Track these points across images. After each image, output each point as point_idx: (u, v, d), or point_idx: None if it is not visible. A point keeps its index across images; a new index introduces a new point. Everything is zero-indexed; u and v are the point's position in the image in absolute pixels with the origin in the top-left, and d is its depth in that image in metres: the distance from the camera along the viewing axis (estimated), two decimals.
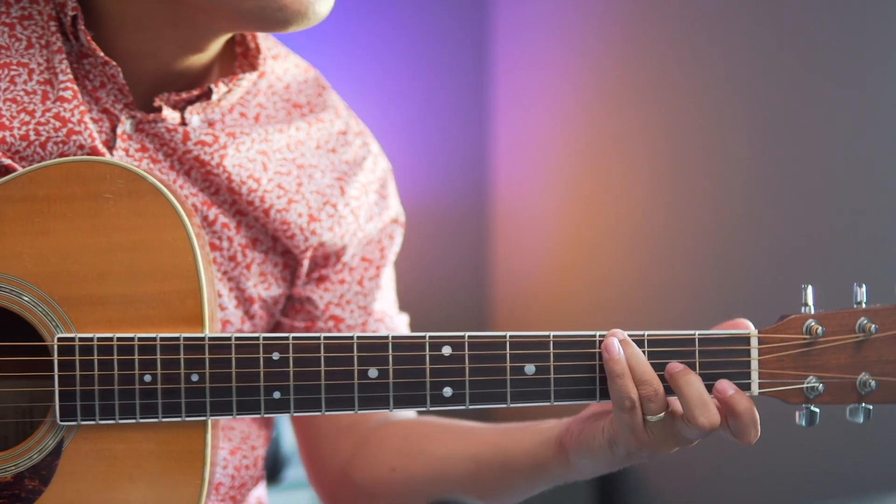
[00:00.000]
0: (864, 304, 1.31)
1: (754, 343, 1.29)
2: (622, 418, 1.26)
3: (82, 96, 1.37)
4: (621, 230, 3.31)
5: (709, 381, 1.28)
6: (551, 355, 1.28)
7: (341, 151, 1.52)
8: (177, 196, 1.30)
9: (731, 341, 1.29)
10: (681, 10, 3.11)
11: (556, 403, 1.29)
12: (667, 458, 1.30)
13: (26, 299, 1.27)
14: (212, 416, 1.27)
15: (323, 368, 1.27)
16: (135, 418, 1.26)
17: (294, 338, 1.27)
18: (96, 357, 1.26)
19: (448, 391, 1.28)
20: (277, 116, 1.49)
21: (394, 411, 1.30)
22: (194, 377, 1.26)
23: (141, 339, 1.26)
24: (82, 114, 1.35)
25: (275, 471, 2.01)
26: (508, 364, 1.28)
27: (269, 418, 1.57)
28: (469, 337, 1.28)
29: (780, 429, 2.74)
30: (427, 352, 1.27)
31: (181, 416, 1.27)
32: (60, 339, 1.26)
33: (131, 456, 1.28)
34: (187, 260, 1.28)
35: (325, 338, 1.27)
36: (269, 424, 1.58)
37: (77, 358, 1.26)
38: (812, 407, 1.30)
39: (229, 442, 1.50)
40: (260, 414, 1.27)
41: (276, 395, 1.27)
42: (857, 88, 2.65)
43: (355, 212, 1.52)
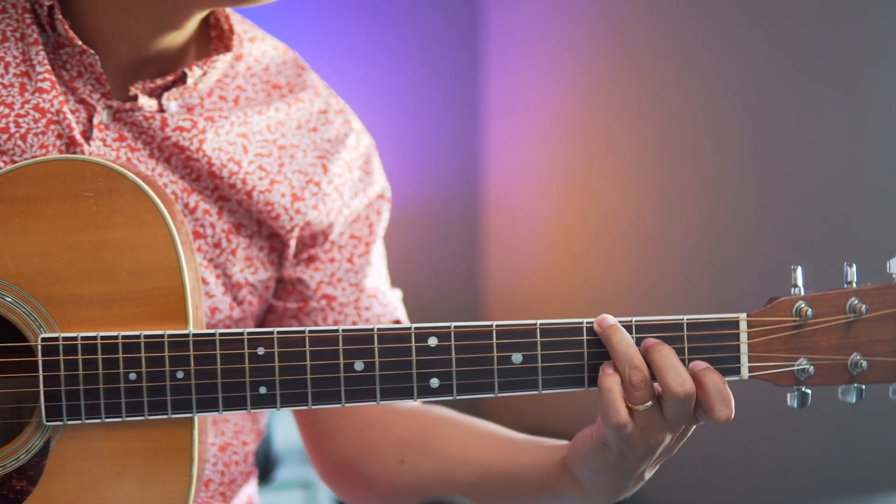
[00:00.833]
0: (854, 284, 1.29)
1: (743, 326, 1.28)
2: (611, 432, 1.25)
3: (60, 86, 1.37)
4: (612, 227, 3.30)
5: None
6: (538, 344, 1.27)
7: (322, 130, 1.52)
8: (158, 191, 1.29)
9: (720, 325, 1.28)
10: (672, 10, 3.10)
11: (544, 392, 1.28)
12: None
13: (9, 300, 1.26)
14: (198, 412, 1.26)
15: (308, 362, 1.26)
16: (121, 417, 1.26)
17: (279, 332, 1.26)
18: (80, 356, 1.25)
19: (435, 382, 1.27)
20: (257, 98, 1.48)
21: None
22: (179, 374, 1.26)
23: (125, 337, 1.25)
24: (61, 104, 1.35)
25: (266, 470, 2.01)
26: (495, 354, 1.27)
27: (263, 412, 1.56)
28: (455, 327, 1.27)
29: (774, 429, 2.74)
30: (413, 343, 1.26)
31: (167, 414, 1.26)
32: (44, 340, 1.25)
33: (118, 454, 1.27)
34: (169, 257, 1.27)
35: (310, 331, 1.26)
36: (261, 419, 1.57)
37: (61, 358, 1.25)
38: (804, 389, 1.29)
39: (221, 436, 1.49)
40: (246, 409, 1.26)
41: (263, 390, 1.26)
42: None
43: (339, 189, 1.51)
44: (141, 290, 1.27)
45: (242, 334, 1.26)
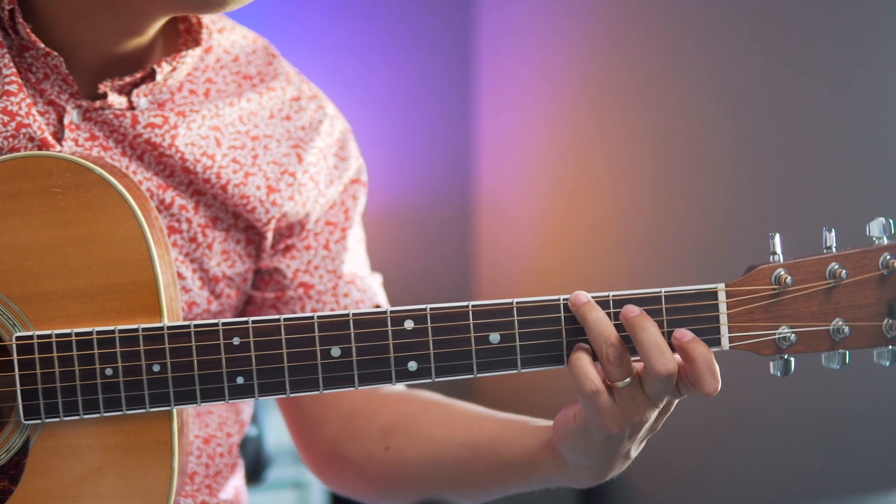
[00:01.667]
0: (833, 250, 1.28)
1: (722, 297, 1.26)
2: (588, 404, 1.23)
3: (27, 89, 1.35)
4: (604, 228, 3.29)
5: None
6: (515, 322, 1.26)
7: (296, 118, 1.50)
8: (126, 184, 1.28)
9: (698, 296, 1.26)
10: (664, 10, 3.08)
11: (523, 371, 1.27)
12: (652, 457, 1.27)
13: None
14: (176, 405, 1.26)
15: (285, 350, 1.25)
16: (99, 413, 1.25)
17: (254, 321, 1.25)
18: (56, 354, 1.25)
19: (413, 365, 1.26)
20: (228, 90, 1.46)
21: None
22: (156, 367, 1.25)
23: (99, 332, 1.25)
24: (29, 106, 1.33)
25: (258, 470, 2.01)
26: (472, 334, 1.26)
27: (247, 403, 1.56)
28: (431, 309, 1.26)
29: (766, 428, 2.73)
30: (389, 327, 1.25)
31: (145, 408, 1.25)
32: (19, 338, 1.25)
33: (98, 450, 1.27)
34: (140, 250, 1.26)
35: (285, 319, 1.25)
36: (244, 410, 1.56)
37: (37, 356, 1.25)
38: (786, 357, 1.28)
39: (205, 429, 1.49)
40: (225, 400, 1.26)
41: (240, 380, 1.25)
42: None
43: (314, 178, 1.50)
44: (114, 285, 1.26)
45: (217, 325, 1.25)
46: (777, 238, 1.28)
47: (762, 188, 2.78)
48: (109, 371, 1.25)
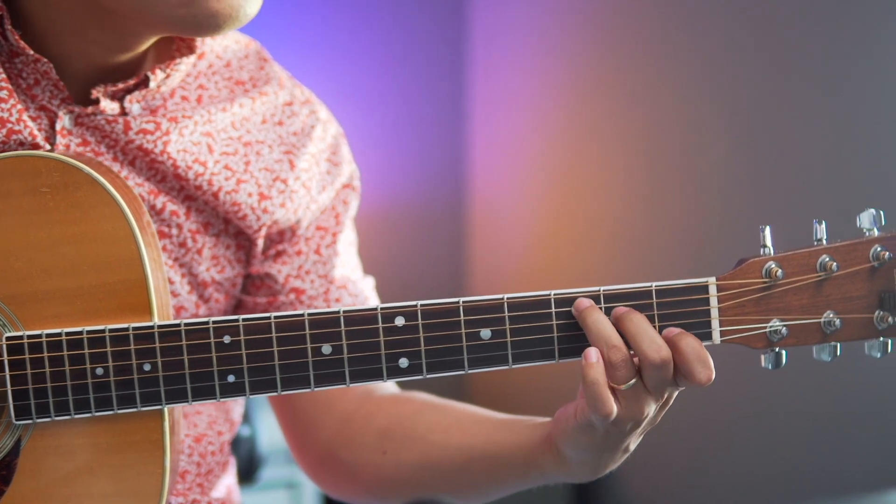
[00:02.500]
0: (824, 242, 1.28)
1: (713, 291, 1.26)
2: (597, 418, 1.23)
3: (18, 95, 1.35)
4: (597, 227, 3.29)
5: None
6: (506, 318, 1.25)
7: (288, 123, 1.50)
8: (116, 183, 1.28)
9: (689, 290, 1.26)
10: (657, 10, 3.08)
11: (515, 367, 1.27)
12: (649, 454, 1.27)
13: None
14: (167, 404, 1.25)
15: (276, 348, 1.25)
16: (90, 412, 1.25)
17: (244, 320, 1.25)
18: (46, 354, 1.24)
19: (404, 362, 1.26)
20: (220, 95, 1.46)
21: (377, 385, 1.28)
22: (147, 366, 1.25)
23: (90, 332, 1.25)
24: (20, 112, 1.33)
25: (251, 470, 2.00)
26: (463, 330, 1.25)
27: (237, 401, 1.55)
28: (422, 306, 1.26)
29: (762, 426, 2.73)
30: (380, 324, 1.25)
31: (136, 407, 1.25)
32: (9, 339, 1.24)
33: (90, 450, 1.27)
34: (130, 249, 1.26)
35: (275, 317, 1.25)
36: (234, 409, 1.56)
37: (27, 356, 1.24)
38: (777, 350, 1.28)
39: (195, 428, 1.49)
40: (216, 399, 1.25)
41: (231, 378, 1.25)
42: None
43: (306, 184, 1.49)
44: (103, 284, 1.26)
45: (208, 323, 1.25)
46: (767, 231, 1.28)
47: (752, 181, 2.79)
48: (100, 371, 1.25)
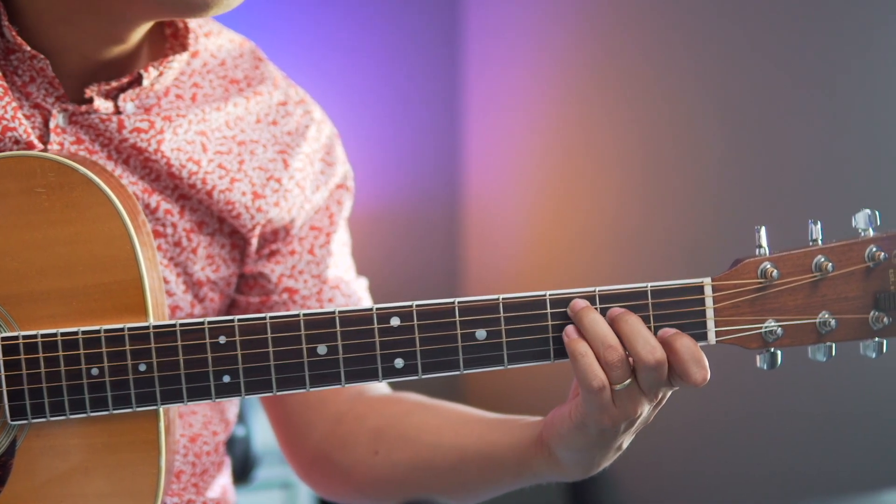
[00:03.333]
0: (819, 242, 1.28)
1: (708, 291, 1.27)
2: (591, 399, 1.22)
3: (13, 93, 1.35)
4: (592, 228, 3.29)
5: None
6: (502, 319, 1.26)
7: (282, 123, 1.50)
8: (111, 184, 1.28)
9: (685, 291, 1.27)
10: (652, 10, 3.08)
11: (510, 367, 1.27)
12: (643, 457, 1.27)
13: None
14: (162, 404, 1.25)
15: (271, 349, 1.25)
16: (85, 412, 1.25)
17: (239, 320, 1.25)
18: (41, 354, 1.24)
19: (399, 362, 1.26)
20: (214, 94, 1.46)
21: (369, 386, 1.27)
22: (142, 367, 1.25)
23: (85, 332, 1.24)
24: (14, 110, 1.33)
25: (245, 471, 2.00)
26: (459, 331, 1.26)
27: (232, 402, 1.55)
28: (417, 306, 1.26)
29: (757, 426, 2.73)
30: (375, 324, 1.25)
31: (132, 407, 1.25)
32: (4, 339, 1.24)
33: (85, 450, 1.27)
34: (125, 249, 1.26)
35: (270, 318, 1.25)
36: (229, 409, 1.56)
37: (22, 356, 1.24)
38: (772, 350, 1.28)
39: (190, 428, 1.48)
40: (211, 399, 1.25)
41: (226, 378, 1.25)
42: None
43: (300, 184, 1.49)
44: (98, 284, 1.26)
45: (203, 324, 1.25)
46: (763, 231, 1.28)
47: (748, 182, 2.79)
48: (95, 371, 1.25)
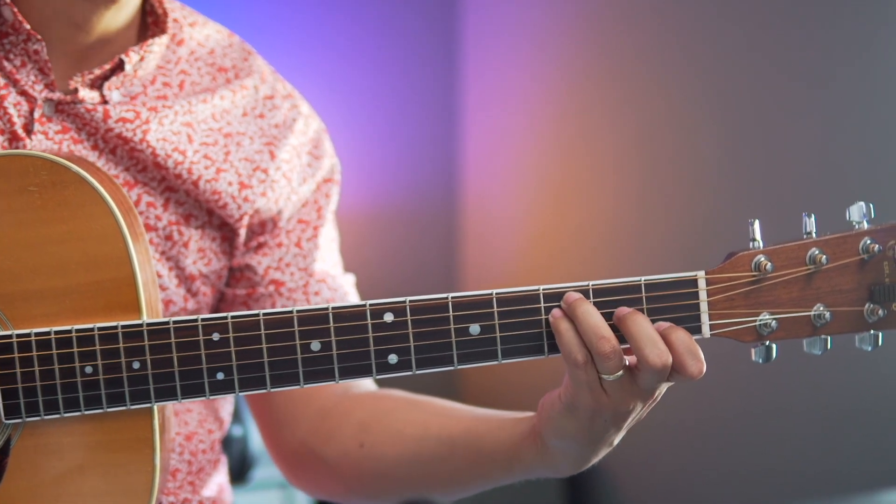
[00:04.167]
0: (813, 235, 1.27)
1: (702, 284, 1.26)
2: (576, 375, 1.22)
3: (1, 79, 1.35)
4: (589, 227, 3.29)
5: None
6: (495, 314, 1.25)
7: (269, 116, 1.50)
8: (104, 182, 1.28)
9: (678, 284, 1.26)
10: (649, 10, 3.08)
11: (504, 362, 1.26)
12: (639, 456, 1.26)
13: None
14: (157, 402, 1.25)
15: (265, 346, 1.25)
16: (80, 411, 1.25)
17: (233, 317, 1.25)
18: (35, 353, 1.24)
19: (393, 358, 1.25)
20: (202, 83, 1.46)
21: (355, 383, 1.27)
22: (136, 364, 1.25)
23: (79, 330, 1.25)
24: (2, 98, 1.33)
25: (242, 471, 2.00)
26: (452, 326, 1.26)
27: (226, 399, 1.55)
28: (410, 301, 1.26)
29: (755, 426, 2.73)
30: (369, 320, 1.25)
31: (126, 405, 1.25)
32: None
33: (80, 448, 1.27)
34: (118, 247, 1.26)
35: (264, 314, 1.25)
36: (224, 407, 1.56)
37: (16, 355, 1.24)
38: (767, 343, 1.27)
39: (185, 426, 1.48)
40: (205, 396, 1.25)
41: (220, 375, 1.25)
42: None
43: (287, 175, 1.50)
44: (92, 283, 1.26)
45: (197, 321, 1.25)
46: (756, 224, 1.27)
47: (742, 176, 2.79)
48: (89, 369, 1.25)
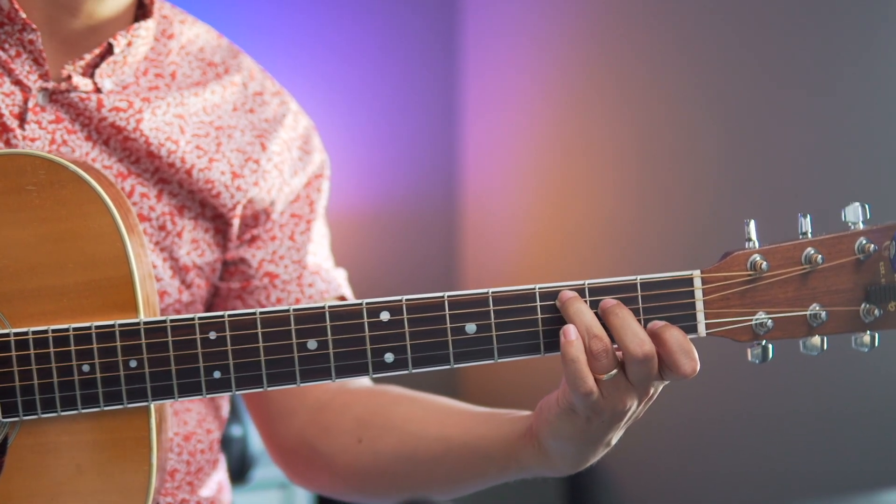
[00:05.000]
0: (809, 235, 1.28)
1: (698, 283, 1.26)
2: (578, 398, 1.23)
3: None
4: (589, 227, 3.29)
5: None
6: (491, 313, 1.26)
7: (259, 111, 1.52)
8: (101, 181, 1.28)
9: (674, 284, 1.26)
10: (649, 11, 3.08)
11: (500, 360, 1.27)
12: (639, 456, 1.26)
13: None
14: (154, 400, 1.26)
15: (261, 344, 1.25)
16: (77, 409, 1.25)
17: (230, 315, 1.25)
18: (32, 351, 1.25)
19: (390, 357, 1.26)
20: (193, 76, 1.48)
21: (352, 378, 1.26)
22: (133, 363, 1.25)
23: (76, 329, 1.25)
24: None
25: (242, 471, 2.00)
26: (449, 325, 1.26)
27: (225, 398, 1.56)
28: (407, 300, 1.26)
29: (753, 425, 2.73)
30: (365, 319, 1.25)
31: (123, 404, 1.25)
32: None
33: (77, 447, 1.27)
34: (115, 246, 1.26)
35: (261, 313, 1.25)
36: (223, 406, 1.56)
37: (13, 354, 1.25)
38: (763, 343, 1.27)
39: (184, 426, 1.49)
40: (202, 395, 1.26)
41: (217, 374, 1.25)
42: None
43: (279, 167, 1.51)
44: (89, 282, 1.26)
45: (193, 319, 1.25)
46: (752, 224, 1.28)
47: (738, 176, 2.79)
48: (86, 368, 1.25)
